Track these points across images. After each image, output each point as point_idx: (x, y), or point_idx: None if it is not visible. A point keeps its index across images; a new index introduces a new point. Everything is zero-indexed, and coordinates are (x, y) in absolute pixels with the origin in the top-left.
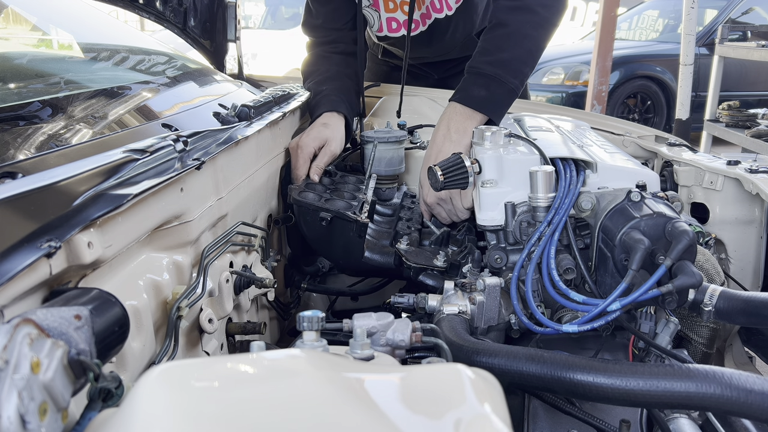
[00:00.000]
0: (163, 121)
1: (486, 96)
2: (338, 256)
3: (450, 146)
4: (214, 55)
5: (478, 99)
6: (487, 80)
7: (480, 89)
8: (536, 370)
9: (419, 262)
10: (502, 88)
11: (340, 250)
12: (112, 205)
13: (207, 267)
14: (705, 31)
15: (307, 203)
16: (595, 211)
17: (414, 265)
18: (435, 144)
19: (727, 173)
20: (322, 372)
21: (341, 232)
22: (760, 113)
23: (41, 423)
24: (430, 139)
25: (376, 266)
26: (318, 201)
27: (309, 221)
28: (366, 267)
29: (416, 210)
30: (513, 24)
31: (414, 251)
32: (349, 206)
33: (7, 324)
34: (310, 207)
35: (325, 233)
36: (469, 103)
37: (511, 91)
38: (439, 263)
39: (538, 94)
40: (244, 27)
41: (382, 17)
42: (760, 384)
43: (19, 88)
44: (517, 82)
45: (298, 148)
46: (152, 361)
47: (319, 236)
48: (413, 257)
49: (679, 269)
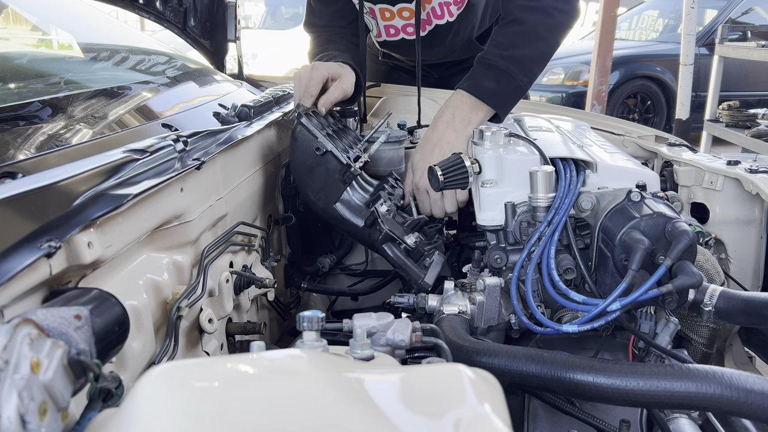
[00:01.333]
0: (163, 121)
1: (495, 89)
2: (313, 190)
3: (452, 135)
4: (214, 55)
5: (487, 91)
6: (497, 73)
7: (490, 81)
8: (536, 370)
9: (393, 231)
10: (511, 83)
11: (318, 186)
12: (112, 205)
13: (207, 267)
14: (705, 31)
15: (310, 128)
16: (595, 211)
17: (387, 231)
18: (437, 129)
19: (727, 173)
20: (322, 372)
21: (327, 169)
22: (760, 113)
23: (41, 423)
24: (431, 123)
25: (343, 220)
26: (320, 130)
27: (302, 145)
28: (333, 215)
29: (398, 191)
30: (529, 23)
31: (390, 219)
32: (346, 151)
33: (7, 324)
34: (311, 133)
35: (312, 163)
36: (477, 93)
37: (519, 89)
38: (409, 241)
39: (538, 94)
40: (244, 27)
41: (380, 24)
42: (760, 384)
43: (19, 88)
44: (527, 81)
45: (311, 69)
46: (152, 361)
47: (304, 163)
48: (388, 223)
49: (679, 269)
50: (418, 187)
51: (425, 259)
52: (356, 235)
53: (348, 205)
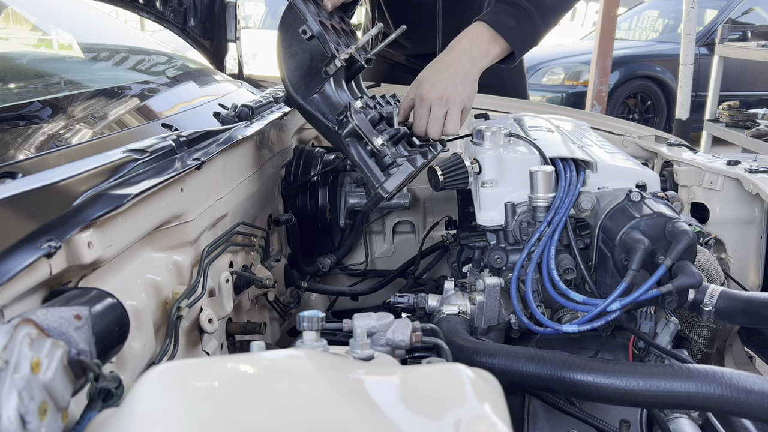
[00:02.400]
0: (163, 121)
1: (515, 27)
2: (293, 78)
3: (467, 61)
4: (214, 55)
5: (508, 27)
6: (520, 12)
7: (510, 19)
8: (536, 370)
9: (360, 127)
10: (531, 27)
11: (299, 74)
12: (112, 205)
13: (207, 267)
14: (705, 31)
15: (301, 9)
16: (595, 211)
17: (354, 125)
18: (453, 51)
19: (727, 173)
20: (322, 372)
21: (312, 57)
22: (760, 113)
23: (41, 423)
24: (447, 47)
25: (313, 109)
26: (315, 17)
27: (289, 28)
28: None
29: (390, 108)
30: None
31: (361, 117)
32: (336, 43)
33: (7, 324)
34: (302, 15)
35: (296, 49)
36: (498, 27)
37: (536, 33)
38: (377, 141)
39: (538, 94)
40: (244, 27)
41: None
42: (760, 384)
43: (19, 88)
44: (543, 29)
45: None
46: (152, 361)
47: (288, 48)
48: (358, 119)
49: (679, 269)
50: (423, 98)
51: (392, 168)
52: (326, 133)
53: (327, 100)
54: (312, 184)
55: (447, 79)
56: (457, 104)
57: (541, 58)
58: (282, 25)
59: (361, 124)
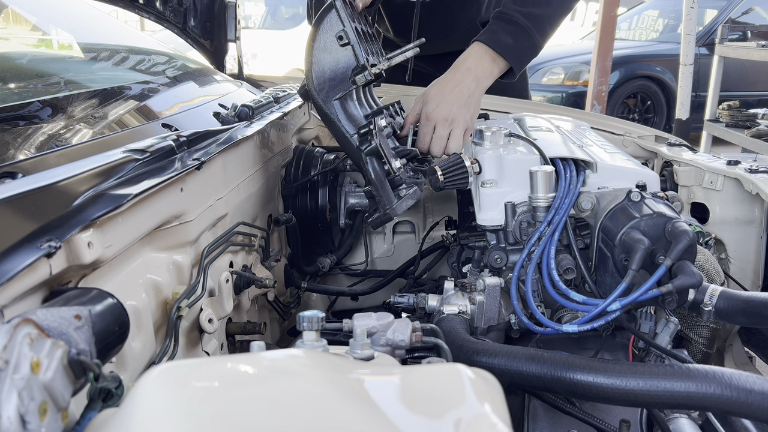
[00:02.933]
0: (163, 121)
1: (513, 45)
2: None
3: (472, 82)
4: (214, 55)
5: (506, 46)
6: (516, 29)
7: (508, 36)
8: (536, 370)
9: (383, 148)
10: (528, 41)
11: (326, 75)
12: (112, 205)
13: (207, 267)
14: (705, 31)
15: (341, 15)
16: (595, 211)
17: (377, 144)
18: (458, 71)
19: (727, 173)
20: (322, 372)
21: (344, 60)
22: (760, 113)
23: (41, 423)
24: (451, 67)
25: (335, 121)
26: (351, 22)
27: (328, 29)
28: (327, 113)
29: (399, 120)
30: None
31: (383, 136)
32: (367, 53)
33: (7, 324)
34: (341, 19)
35: (329, 44)
36: (496, 47)
37: (534, 47)
38: (396, 164)
39: (538, 94)
40: (244, 27)
41: None
42: (760, 384)
43: (19, 88)
44: (541, 41)
45: None
46: (152, 361)
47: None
48: (381, 139)
49: (679, 269)
50: (429, 117)
51: (402, 189)
52: (342, 139)
53: (345, 108)
54: (312, 184)
55: (452, 100)
56: (461, 125)
57: (541, 58)
58: (318, 23)
59: (383, 145)
